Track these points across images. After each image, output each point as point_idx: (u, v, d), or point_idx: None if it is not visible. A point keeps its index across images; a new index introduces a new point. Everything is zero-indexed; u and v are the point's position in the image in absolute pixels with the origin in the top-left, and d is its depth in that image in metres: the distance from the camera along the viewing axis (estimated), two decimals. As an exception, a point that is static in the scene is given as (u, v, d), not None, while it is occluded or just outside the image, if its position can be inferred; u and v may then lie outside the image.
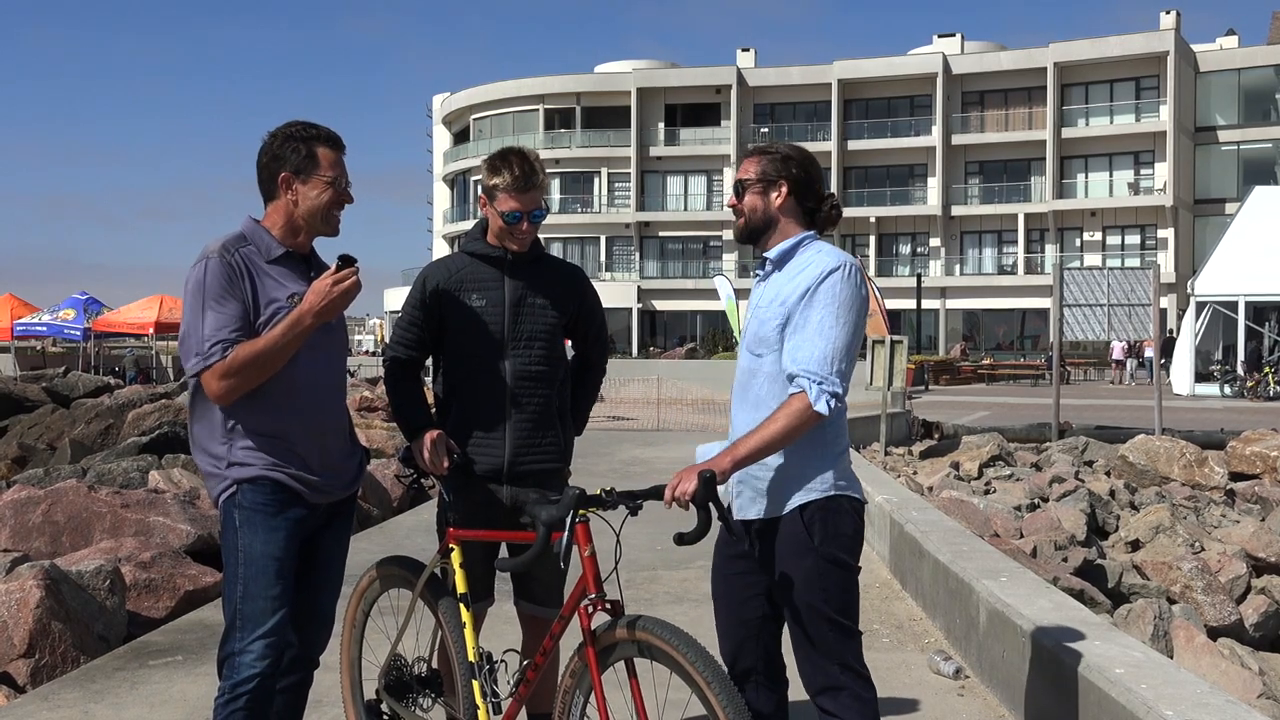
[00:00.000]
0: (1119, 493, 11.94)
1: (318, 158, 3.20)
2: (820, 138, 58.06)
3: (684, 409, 22.52)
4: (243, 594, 3.12)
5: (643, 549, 7.68)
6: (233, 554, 3.14)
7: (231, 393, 3.07)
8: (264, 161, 3.22)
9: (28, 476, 10.62)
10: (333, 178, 3.22)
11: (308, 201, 3.20)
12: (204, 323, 3.06)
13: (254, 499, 3.13)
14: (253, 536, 3.13)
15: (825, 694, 3.04)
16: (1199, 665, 6.35)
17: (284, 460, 3.16)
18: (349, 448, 3.40)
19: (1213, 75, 54.57)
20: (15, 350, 34.44)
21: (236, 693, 3.12)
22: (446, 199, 68.80)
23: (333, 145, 3.24)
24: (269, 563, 3.13)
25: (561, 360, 3.69)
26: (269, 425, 3.15)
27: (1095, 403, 27.82)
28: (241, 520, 3.13)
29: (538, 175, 3.50)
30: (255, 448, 3.14)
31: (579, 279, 3.77)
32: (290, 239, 3.24)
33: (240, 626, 3.12)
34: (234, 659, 3.12)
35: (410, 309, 3.65)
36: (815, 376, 2.94)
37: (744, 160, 3.22)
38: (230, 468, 3.14)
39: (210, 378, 3.06)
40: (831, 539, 3.03)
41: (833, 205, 3.18)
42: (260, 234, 3.22)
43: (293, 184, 3.20)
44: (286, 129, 3.22)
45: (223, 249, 3.14)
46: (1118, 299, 17.05)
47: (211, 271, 3.09)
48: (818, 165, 3.20)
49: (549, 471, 3.63)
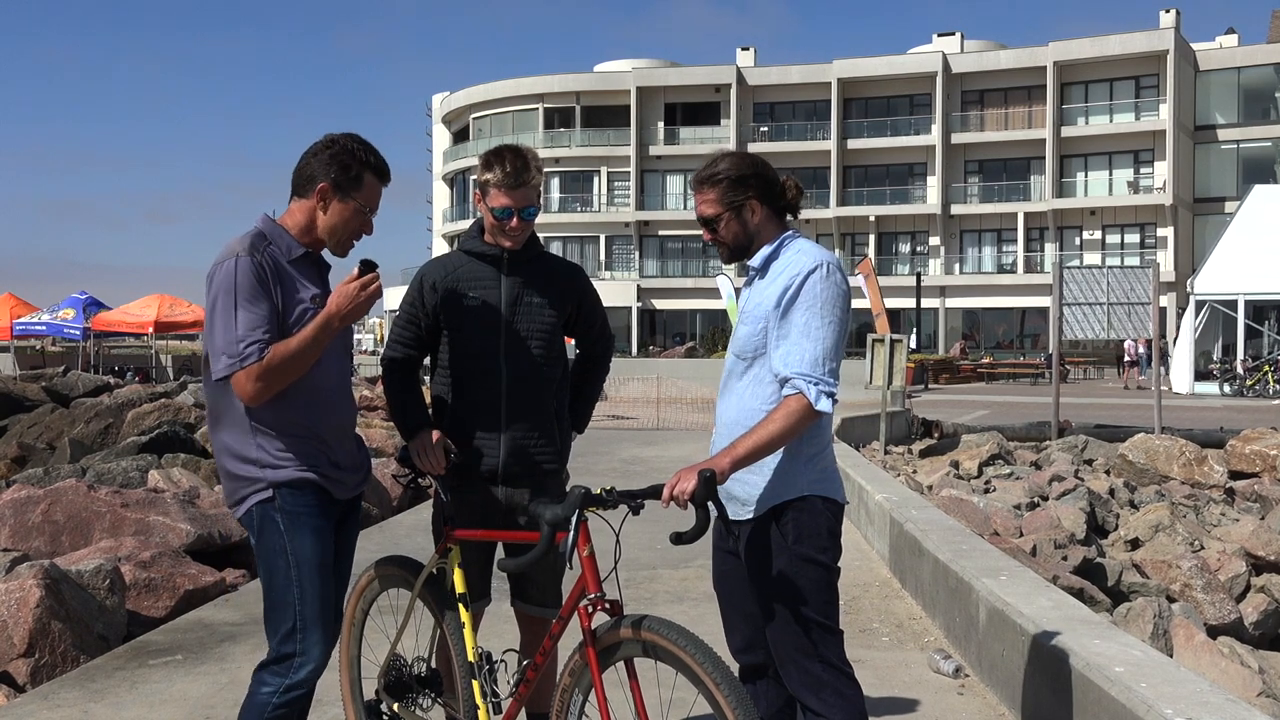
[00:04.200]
0: (1119, 491, 11.94)
1: (363, 183, 3.18)
2: (820, 137, 58.08)
3: (683, 408, 22.54)
4: (300, 596, 3.11)
5: (642, 548, 7.68)
6: (281, 557, 3.12)
7: (264, 393, 3.04)
8: (310, 161, 3.18)
9: (27, 476, 10.61)
10: (368, 207, 3.21)
11: (335, 219, 3.18)
12: (237, 323, 3.02)
13: (295, 502, 3.12)
14: (301, 539, 3.12)
15: (808, 692, 3.04)
16: (1199, 664, 6.35)
17: (316, 459, 3.16)
18: (358, 443, 3.42)
19: (1212, 74, 54.57)
20: (15, 350, 34.44)
21: (290, 694, 3.12)
22: (446, 198, 68.80)
23: (381, 176, 3.23)
24: (320, 564, 3.14)
25: (560, 359, 3.67)
26: (300, 424, 3.14)
27: (1095, 401, 27.83)
28: (287, 524, 3.11)
29: (530, 172, 3.46)
30: (287, 448, 3.12)
31: (578, 277, 3.74)
32: (307, 241, 3.22)
33: (302, 628, 3.11)
34: (292, 659, 3.11)
35: (407, 307, 3.63)
36: (810, 378, 2.95)
37: (696, 193, 3.15)
38: (265, 470, 3.12)
39: (245, 379, 3.02)
40: (805, 539, 3.05)
41: (794, 188, 3.16)
42: (280, 234, 3.18)
43: (329, 197, 3.17)
44: (347, 141, 3.19)
45: (251, 248, 3.09)
46: (1117, 298, 17.06)
47: (242, 270, 3.04)
48: (764, 161, 3.17)
49: (546, 472, 3.62)
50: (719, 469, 2.88)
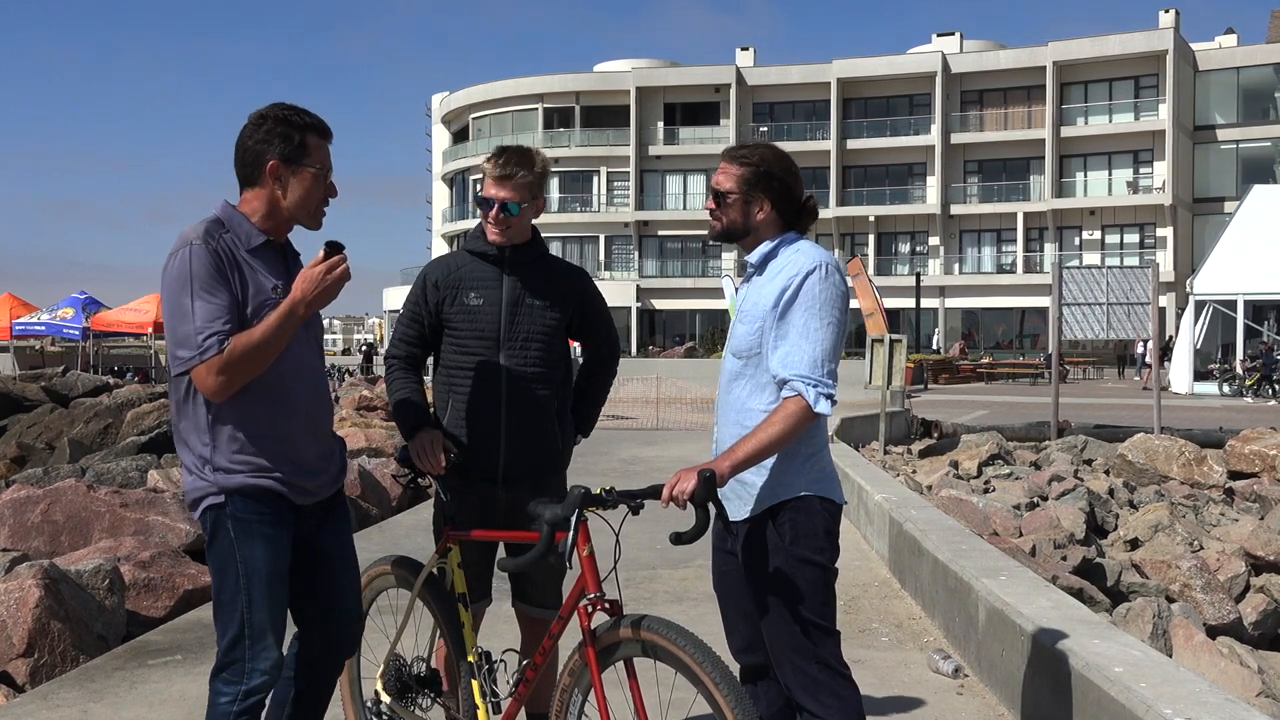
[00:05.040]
0: (1118, 491, 11.94)
1: (308, 147, 3.02)
2: (819, 137, 58.07)
3: (683, 408, 22.54)
4: (248, 603, 3.02)
5: (642, 548, 7.68)
6: (231, 564, 3.03)
7: (227, 388, 2.90)
8: (249, 145, 3.01)
9: (27, 476, 10.61)
10: (322, 169, 3.05)
11: (297, 193, 3.03)
12: (194, 314, 2.87)
13: (246, 509, 3.00)
14: (251, 548, 3.02)
15: (805, 693, 3.03)
16: (1198, 664, 6.35)
17: (273, 463, 3.02)
18: (333, 441, 3.29)
19: (1212, 74, 54.57)
20: (14, 350, 34.42)
21: (250, 700, 3.07)
22: (446, 198, 68.78)
23: (321, 134, 3.06)
24: (271, 573, 3.04)
25: (561, 361, 3.67)
26: (261, 424, 3.00)
27: (1094, 401, 27.83)
28: (237, 532, 3.01)
29: (520, 171, 3.49)
30: (242, 451, 2.99)
31: (580, 280, 3.74)
32: (269, 228, 3.05)
33: (249, 635, 3.04)
34: (243, 665, 3.05)
35: (411, 305, 3.65)
36: (809, 380, 2.95)
37: (723, 162, 3.16)
38: (216, 473, 2.99)
39: (205, 372, 2.87)
40: (802, 539, 3.04)
41: (811, 205, 3.17)
42: (240, 221, 3.01)
43: (281, 174, 3.00)
44: (276, 112, 3.02)
45: (206, 235, 2.93)
46: (1117, 298, 17.07)
47: (197, 259, 2.89)
48: (796, 169, 3.16)
49: (546, 473, 3.62)
50: (719, 471, 2.88)
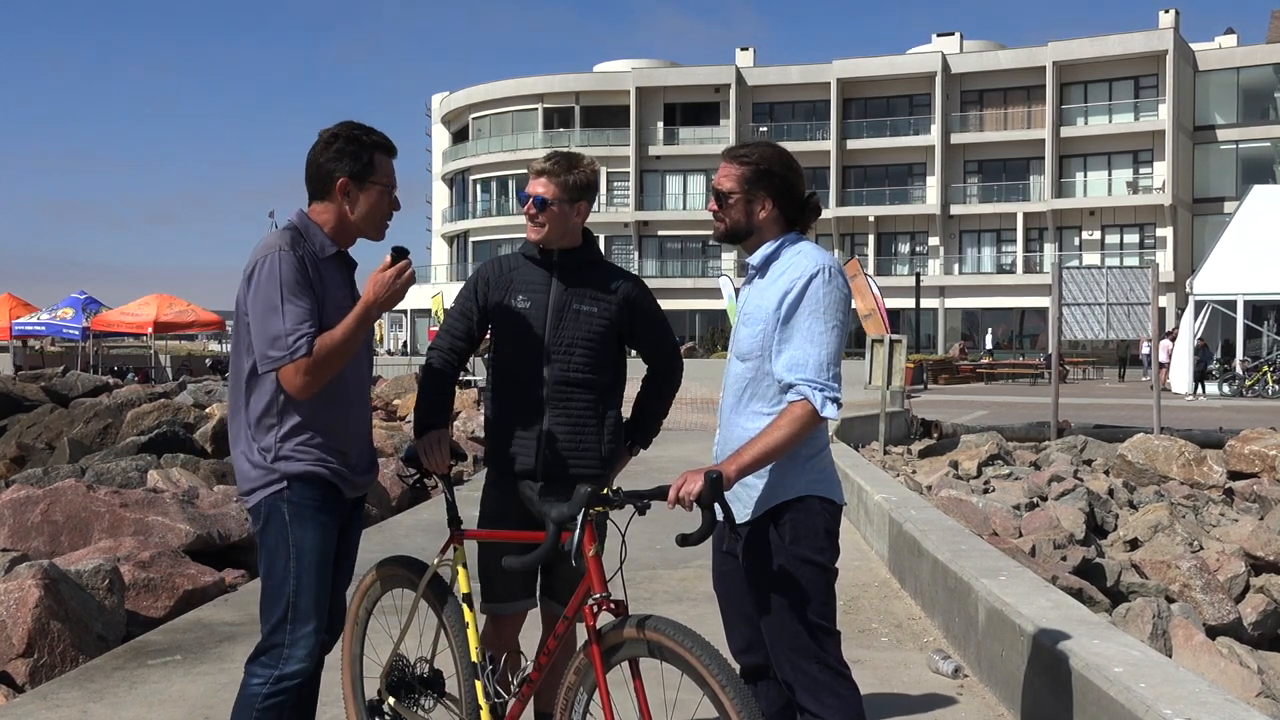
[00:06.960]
0: (1118, 491, 11.95)
1: (375, 164, 3.21)
2: (819, 137, 58.07)
3: (684, 408, 22.52)
4: (295, 588, 3.14)
5: (643, 548, 7.68)
6: (282, 548, 3.15)
7: (311, 386, 3.08)
8: (320, 162, 3.20)
9: (26, 476, 10.61)
10: (388, 185, 3.25)
11: (364, 208, 3.22)
12: (284, 316, 3.05)
13: (303, 494, 3.16)
14: (304, 532, 3.15)
15: (805, 693, 3.04)
16: (1198, 664, 6.35)
17: (329, 455, 3.20)
18: (371, 441, 3.47)
19: (1212, 74, 54.59)
20: (14, 350, 34.42)
21: (281, 685, 3.13)
22: (445, 198, 68.77)
23: (388, 151, 3.25)
24: (319, 558, 3.17)
25: (609, 368, 3.67)
26: (322, 420, 3.18)
27: (1094, 402, 27.84)
28: (292, 515, 3.15)
29: (559, 169, 3.57)
30: (304, 443, 3.16)
31: (631, 287, 3.71)
32: (338, 239, 3.25)
33: (292, 619, 3.14)
34: (281, 650, 3.14)
35: (463, 300, 3.72)
36: (815, 384, 2.95)
37: (723, 163, 3.17)
38: (278, 462, 3.15)
39: (294, 372, 3.05)
40: (802, 539, 3.05)
41: (813, 203, 3.18)
42: (315, 231, 3.22)
43: (349, 190, 3.19)
44: (346, 131, 3.21)
45: (293, 243, 3.13)
46: (1116, 298, 17.07)
47: (286, 264, 3.08)
48: (797, 167, 3.17)
49: (587, 478, 3.60)
50: (725, 474, 2.88)
